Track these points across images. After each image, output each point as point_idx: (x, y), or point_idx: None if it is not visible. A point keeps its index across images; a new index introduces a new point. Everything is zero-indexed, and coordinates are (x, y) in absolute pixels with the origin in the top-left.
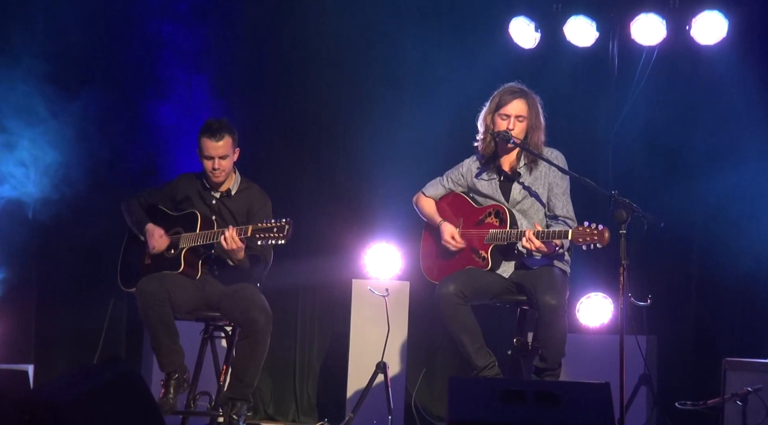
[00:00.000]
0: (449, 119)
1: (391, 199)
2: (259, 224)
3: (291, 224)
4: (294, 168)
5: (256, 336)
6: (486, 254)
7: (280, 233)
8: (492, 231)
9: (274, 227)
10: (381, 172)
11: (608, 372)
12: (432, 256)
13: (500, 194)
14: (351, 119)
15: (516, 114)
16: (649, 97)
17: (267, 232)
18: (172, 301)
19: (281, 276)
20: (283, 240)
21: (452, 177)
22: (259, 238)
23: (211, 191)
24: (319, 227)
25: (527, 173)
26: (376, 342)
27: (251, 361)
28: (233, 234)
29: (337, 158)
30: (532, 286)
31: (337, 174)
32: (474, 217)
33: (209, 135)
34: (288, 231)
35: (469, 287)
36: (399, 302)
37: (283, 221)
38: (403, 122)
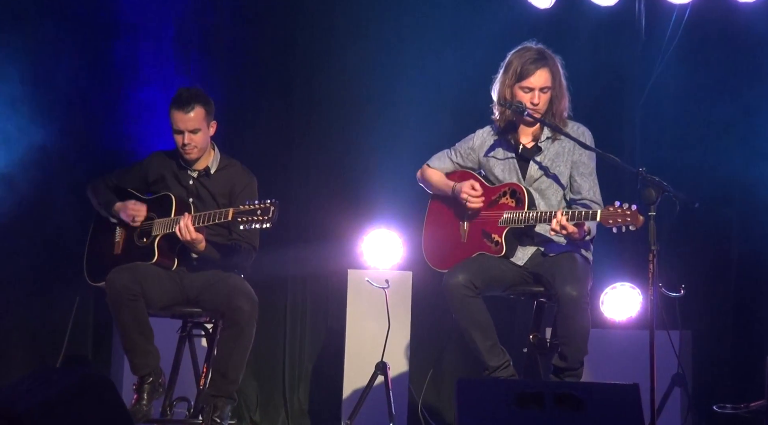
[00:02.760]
0: (456, 86)
1: (392, 179)
2: (241, 207)
3: (277, 205)
4: (282, 144)
5: (241, 326)
6: (500, 238)
7: (264, 215)
8: (507, 213)
9: (257, 208)
10: (380, 148)
11: (637, 371)
12: (437, 240)
13: (516, 171)
14: (345, 88)
15: (540, 86)
16: (681, 62)
17: (249, 215)
18: (146, 295)
19: (268, 266)
20: (268, 224)
21: (461, 151)
22: (241, 221)
23: (188, 171)
24: (310, 210)
25: (549, 149)
26: (375, 339)
27: (235, 354)
28: (188, 223)
29: (330, 132)
30: (551, 275)
31: (331, 151)
32: (486, 197)
33: (178, 106)
34: (273, 213)
35: (481, 276)
36: (401, 294)
37: (268, 202)
38: (404, 90)
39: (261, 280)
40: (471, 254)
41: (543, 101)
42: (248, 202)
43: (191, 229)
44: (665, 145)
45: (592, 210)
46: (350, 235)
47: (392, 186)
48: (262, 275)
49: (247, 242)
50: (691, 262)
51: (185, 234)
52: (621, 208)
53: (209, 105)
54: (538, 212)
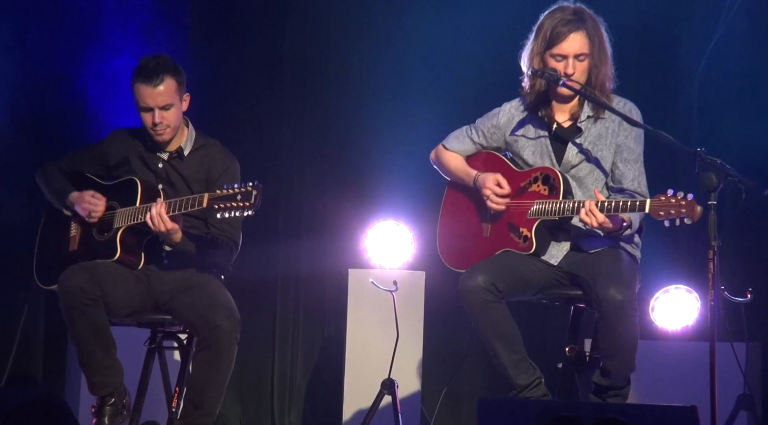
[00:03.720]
0: (475, 53)
1: (401, 162)
2: (217, 191)
3: (260, 189)
4: (270, 121)
5: (219, 347)
6: (529, 232)
7: (245, 201)
8: (539, 202)
9: (236, 193)
10: (386, 125)
11: (695, 391)
12: (455, 234)
13: (550, 154)
14: (346, 56)
15: (575, 52)
16: (749, 20)
17: (227, 201)
18: (107, 299)
19: (253, 266)
20: (251, 210)
21: (483, 129)
22: (217, 209)
23: (157, 152)
24: (303, 198)
25: (590, 129)
26: (381, 352)
27: (212, 380)
28: (161, 211)
29: (328, 107)
30: (591, 276)
31: (328, 129)
32: (514, 184)
33: (145, 79)
34: (256, 199)
35: (505, 278)
36: (411, 298)
37: (249, 185)
38: (416, 59)
39: (245, 282)
40: (494, 252)
41: (579, 71)
42: (226, 186)
43: (165, 218)
44: (728, 121)
45: (639, 200)
46: (351, 228)
47: (401, 171)
48: (246, 276)
49: (228, 236)
50: (759, 261)
51: (158, 224)
52: (674, 197)
53: (181, 75)
54: (574, 202)
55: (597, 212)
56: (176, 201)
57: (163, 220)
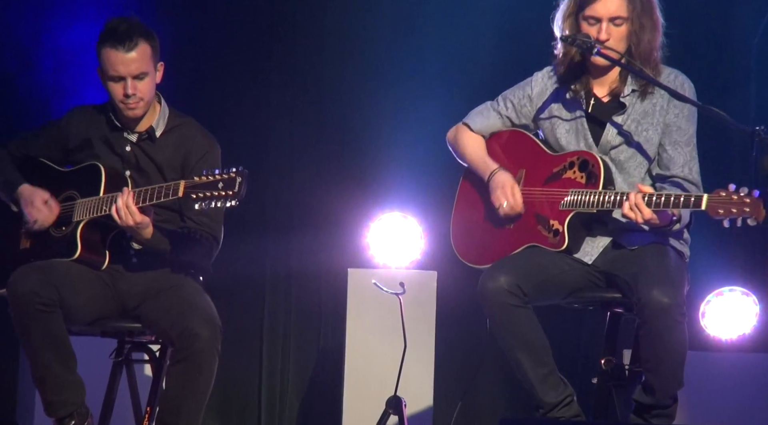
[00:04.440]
0: (495, 20)
1: (408, 146)
2: (195, 178)
3: (245, 175)
4: (257, 98)
5: (197, 359)
6: (560, 226)
7: (228, 189)
8: (574, 192)
9: (218, 180)
10: (391, 105)
11: (753, 409)
12: (473, 226)
13: (587, 135)
14: (344, 25)
15: (610, 15)
16: None
17: (207, 189)
18: (65, 305)
19: (238, 265)
20: (234, 200)
21: (514, 101)
22: (195, 198)
23: (124, 133)
24: (296, 188)
25: (635, 106)
26: (385, 365)
27: (189, 399)
28: (128, 201)
29: (324, 82)
30: (632, 276)
31: (325, 108)
32: (545, 169)
33: (115, 42)
34: (240, 187)
35: (532, 278)
36: (421, 303)
37: (232, 171)
38: (428, 28)
39: (227, 285)
40: (518, 247)
41: (616, 38)
42: (206, 172)
43: (134, 210)
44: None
45: (695, 195)
46: (351, 222)
47: (408, 155)
48: (228, 277)
49: (207, 231)
50: None
51: (126, 217)
52: (736, 193)
53: (154, 40)
54: (616, 193)
55: (644, 207)
56: (147, 190)
57: (131, 212)
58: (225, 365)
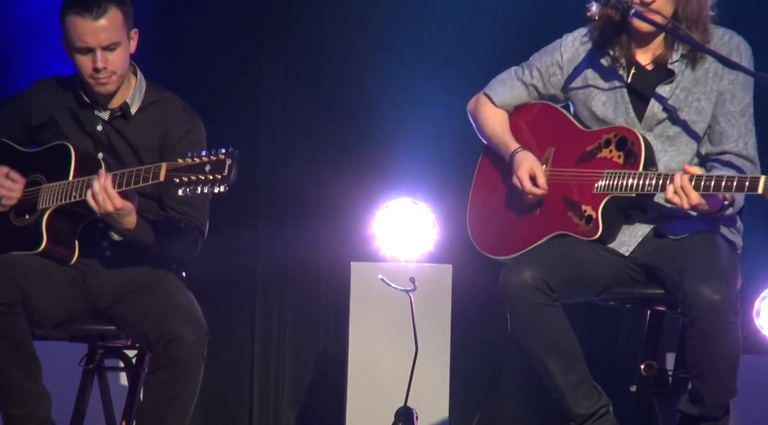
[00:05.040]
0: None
1: (418, 124)
2: (179, 161)
3: (235, 157)
4: (248, 70)
5: (180, 366)
6: (594, 212)
7: (216, 173)
8: (610, 173)
9: (205, 162)
10: (400, 79)
11: None
12: (493, 212)
13: (628, 109)
14: None
15: None
16: None
17: (193, 172)
18: (29, 305)
19: (225, 259)
20: (223, 186)
21: (540, 68)
22: (179, 183)
23: (95, 110)
24: (291, 172)
25: (683, 74)
26: (394, 371)
27: (171, 411)
28: (106, 184)
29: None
30: (676, 269)
31: (324, 83)
32: (576, 147)
33: (82, 9)
34: (231, 170)
35: (561, 272)
36: (434, 301)
37: (222, 152)
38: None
39: (213, 281)
40: (545, 235)
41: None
42: (191, 154)
43: (113, 194)
44: None
45: (750, 178)
46: (354, 209)
47: (420, 134)
48: (215, 273)
49: (191, 221)
50: None
51: (104, 203)
52: None
53: (126, 5)
54: (657, 174)
55: (690, 191)
56: (124, 173)
57: (110, 197)
58: (211, 372)
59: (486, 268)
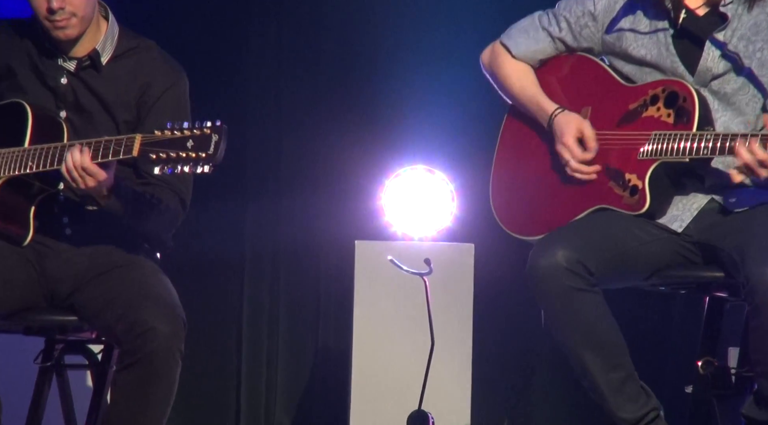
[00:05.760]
0: None
1: (434, 82)
2: (157, 133)
3: (223, 132)
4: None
5: (153, 364)
6: (640, 181)
7: (200, 150)
8: (658, 135)
9: (187, 136)
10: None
11: None
12: (520, 184)
13: (675, 60)
14: None
15: None
16: None
17: (173, 148)
18: None
19: (208, 237)
20: (208, 165)
21: (569, 19)
22: (156, 159)
23: (58, 59)
24: (286, 139)
25: (740, 18)
26: (406, 368)
27: (142, 415)
28: (85, 162)
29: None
30: (739, 249)
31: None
32: (617, 106)
33: None
34: (217, 148)
35: (601, 252)
36: (453, 286)
37: (207, 126)
38: None
39: (194, 263)
40: (582, 211)
41: None
42: (170, 125)
43: (94, 170)
44: None
45: None
46: (360, 179)
47: (434, 94)
48: (195, 253)
49: (172, 188)
50: None
51: (79, 178)
52: None
53: None
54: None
55: (760, 152)
56: (90, 143)
57: (90, 174)
58: (190, 371)
59: (514, 247)
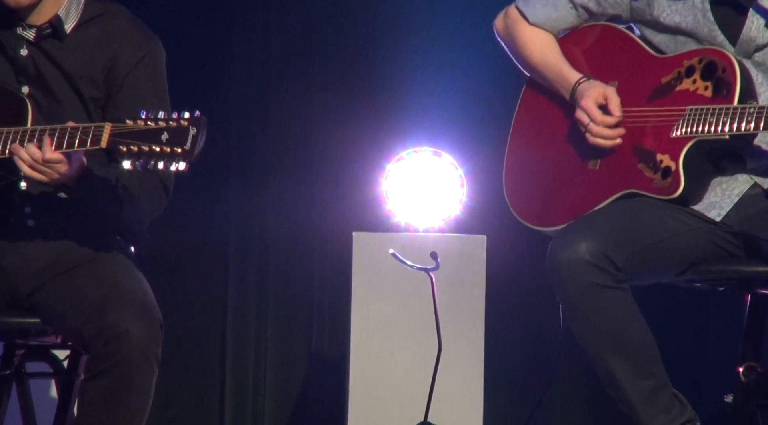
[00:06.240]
0: None
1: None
2: (128, 122)
3: (202, 125)
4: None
5: (126, 371)
6: (673, 162)
7: (175, 145)
8: (694, 111)
9: (161, 128)
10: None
11: None
12: (537, 168)
13: (714, 29)
14: None
15: None
16: None
17: (145, 140)
18: None
19: (189, 228)
20: (183, 162)
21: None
22: (127, 153)
23: (16, 28)
24: (276, 117)
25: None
26: (409, 375)
27: None
28: (47, 155)
29: None
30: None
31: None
32: (648, 79)
33: None
34: (195, 142)
35: (629, 244)
36: (463, 283)
37: (184, 118)
38: None
39: (174, 258)
40: (607, 197)
41: None
42: (144, 114)
43: (56, 158)
44: None
45: None
46: (359, 163)
47: (443, 65)
48: (174, 247)
49: (155, 176)
50: None
51: (45, 174)
52: None
53: None
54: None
55: None
56: (54, 130)
57: (54, 169)
58: (168, 378)
59: (531, 239)
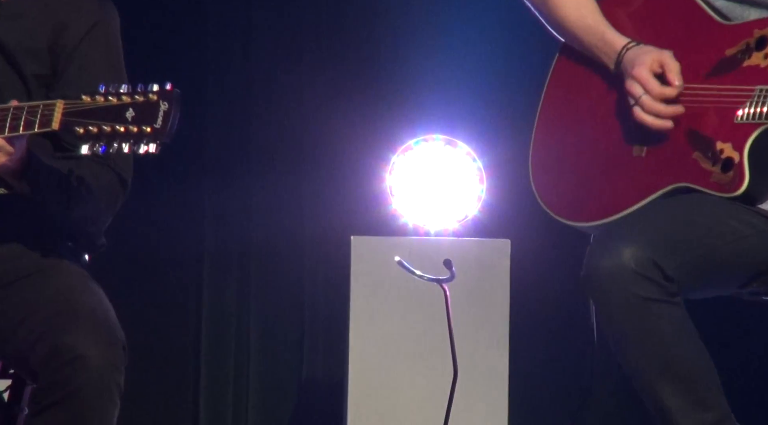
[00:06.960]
0: None
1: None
2: (85, 98)
3: (174, 99)
4: None
5: (82, 402)
6: (736, 153)
7: (143, 123)
8: (763, 91)
9: (126, 104)
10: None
11: None
12: (571, 154)
13: None
14: None
15: None
16: None
17: (105, 118)
18: None
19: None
20: (154, 143)
21: None
22: (84, 135)
23: None
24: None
25: None
26: (420, 404)
27: None
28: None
29: None
30: None
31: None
32: (709, 50)
33: None
34: (167, 121)
35: (682, 249)
36: (483, 295)
37: (154, 89)
38: None
39: (137, 267)
40: (656, 191)
41: None
42: (103, 88)
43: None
44: None
45: None
46: (360, 155)
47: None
48: (138, 254)
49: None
50: None
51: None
52: None
53: None
54: None
55: None
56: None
57: None
58: (133, 412)
59: (564, 244)
